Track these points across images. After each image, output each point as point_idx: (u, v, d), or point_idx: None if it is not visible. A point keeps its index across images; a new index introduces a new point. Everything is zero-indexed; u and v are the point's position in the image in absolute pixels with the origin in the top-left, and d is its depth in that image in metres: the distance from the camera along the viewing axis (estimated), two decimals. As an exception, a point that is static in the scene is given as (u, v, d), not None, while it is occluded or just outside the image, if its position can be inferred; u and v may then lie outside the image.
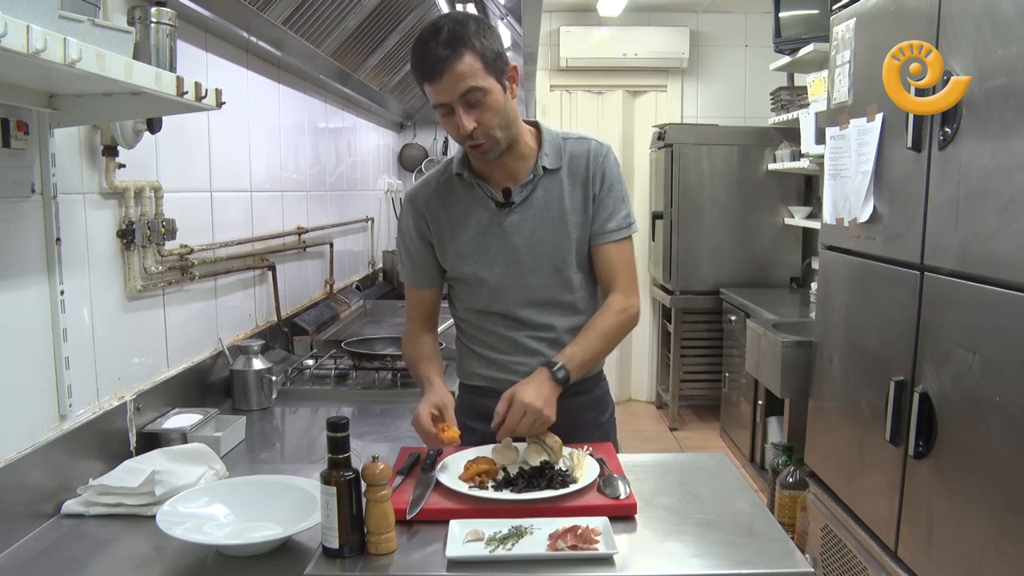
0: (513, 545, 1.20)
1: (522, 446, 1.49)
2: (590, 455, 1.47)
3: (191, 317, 2.08)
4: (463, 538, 1.22)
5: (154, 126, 1.67)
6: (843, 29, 2.34)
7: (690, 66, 5.10)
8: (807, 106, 3.72)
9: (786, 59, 4.03)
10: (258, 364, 2.16)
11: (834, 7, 2.46)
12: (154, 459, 1.55)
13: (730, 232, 4.60)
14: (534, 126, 1.62)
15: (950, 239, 1.80)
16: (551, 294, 1.60)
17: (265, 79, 2.65)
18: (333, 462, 1.19)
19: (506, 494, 1.33)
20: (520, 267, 1.58)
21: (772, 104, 4.34)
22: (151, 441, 1.71)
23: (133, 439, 1.70)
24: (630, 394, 5.36)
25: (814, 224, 3.95)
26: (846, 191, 2.29)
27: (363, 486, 1.20)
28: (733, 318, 4.23)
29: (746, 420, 3.91)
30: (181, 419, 1.81)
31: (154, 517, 1.28)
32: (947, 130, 1.79)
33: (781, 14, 4.01)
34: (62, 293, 1.49)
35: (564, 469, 1.42)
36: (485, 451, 1.49)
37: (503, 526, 1.24)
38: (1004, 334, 1.61)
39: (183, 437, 1.73)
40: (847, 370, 2.31)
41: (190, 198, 2.09)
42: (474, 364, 1.69)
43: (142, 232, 1.76)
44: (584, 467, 1.42)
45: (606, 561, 1.17)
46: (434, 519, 1.29)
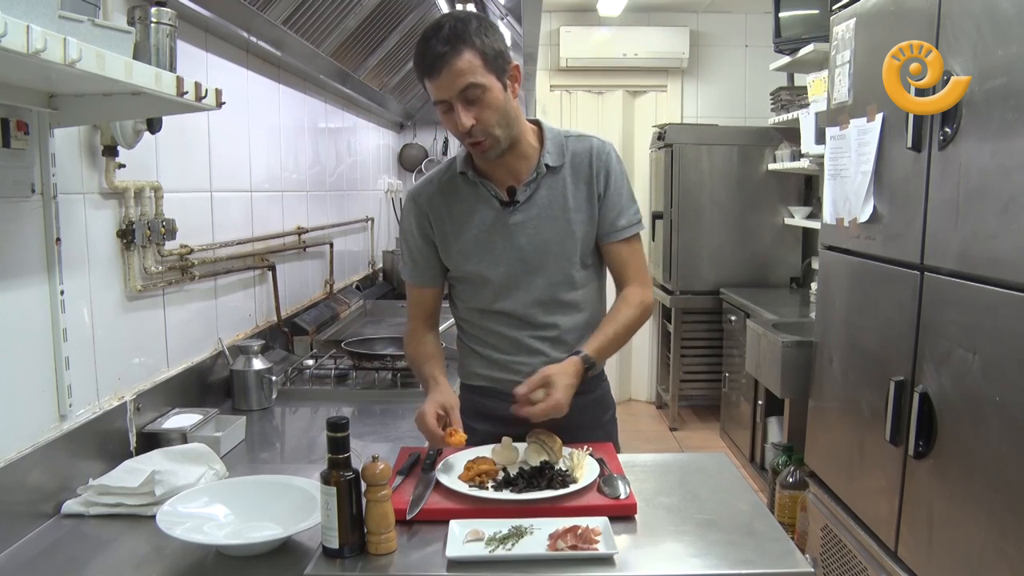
0: (513, 545, 1.20)
1: (522, 446, 1.49)
2: (590, 455, 1.47)
3: (191, 317, 2.08)
4: (463, 538, 1.22)
5: (154, 126, 1.67)
6: (843, 29, 2.34)
7: (690, 66, 5.10)
8: (807, 106, 3.72)
9: (786, 59, 4.03)
10: (258, 364, 2.16)
11: (834, 7, 2.46)
12: (154, 459, 1.55)
13: (730, 232, 4.60)
14: (536, 124, 1.62)
15: (950, 239, 1.80)
16: (555, 293, 1.60)
17: (265, 79, 2.65)
18: (333, 462, 1.19)
19: (506, 494, 1.34)
20: (524, 266, 1.58)
21: (772, 104, 4.34)
22: (151, 441, 1.71)
23: (133, 439, 1.70)
24: (630, 394, 5.36)
25: (814, 224, 3.95)
26: (846, 191, 2.29)
27: (363, 486, 1.20)
28: (733, 318, 4.23)
29: (746, 420, 3.91)
30: (181, 419, 1.81)
31: (154, 517, 1.28)
32: (947, 130, 1.79)
33: (781, 14, 4.01)
34: (62, 293, 1.49)
35: (564, 469, 1.42)
36: (485, 451, 1.49)
37: (503, 526, 1.24)
38: (1004, 334, 1.61)
39: (183, 437, 1.73)
40: (847, 370, 2.31)
41: (190, 198, 2.09)
42: (476, 364, 1.69)
43: (142, 232, 1.76)
44: (584, 467, 1.42)
45: (606, 561, 1.17)
46: (434, 519, 1.29)
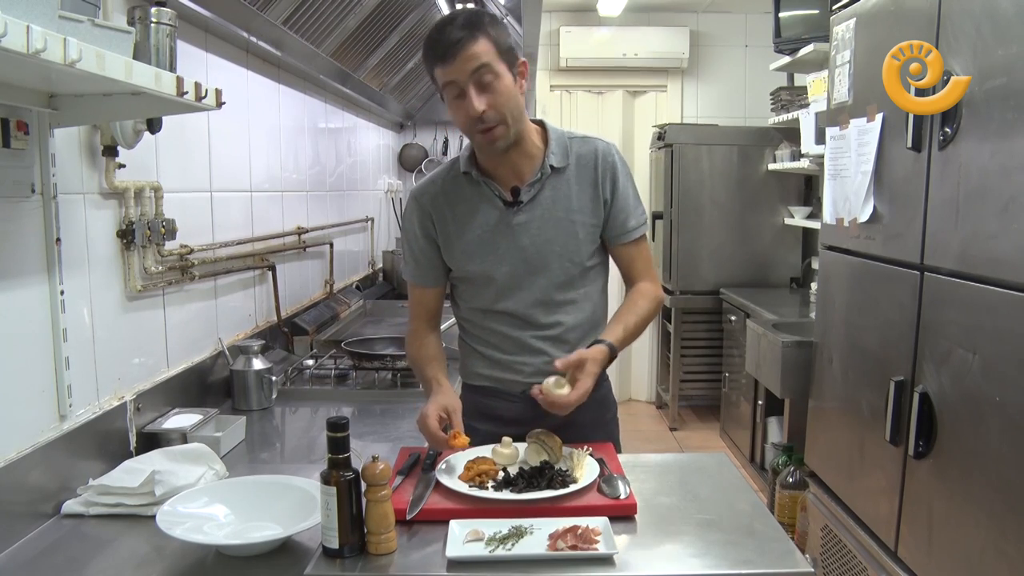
0: (513, 545, 1.20)
1: (522, 446, 1.49)
2: (590, 455, 1.47)
3: (191, 317, 2.08)
4: (463, 538, 1.22)
5: (154, 126, 1.67)
6: (843, 29, 2.34)
7: (690, 66, 5.10)
8: (807, 106, 3.71)
9: (786, 59, 4.03)
10: (258, 364, 2.16)
11: (834, 7, 2.46)
12: (154, 459, 1.55)
13: (730, 232, 4.60)
14: (539, 125, 1.62)
15: (950, 239, 1.80)
16: (557, 293, 1.60)
17: (265, 79, 2.65)
18: (333, 462, 1.19)
19: (506, 494, 1.34)
20: (528, 266, 1.58)
21: (772, 104, 4.34)
22: (151, 441, 1.71)
23: (133, 439, 1.70)
24: (630, 394, 5.36)
25: (814, 224, 3.95)
26: (846, 191, 2.29)
27: (363, 486, 1.20)
28: (733, 318, 4.23)
29: (746, 420, 3.91)
30: (181, 419, 1.81)
31: (154, 517, 1.28)
32: (947, 130, 1.79)
33: (781, 14, 4.00)
34: (62, 293, 1.49)
35: (564, 469, 1.42)
36: (485, 451, 1.49)
37: (503, 526, 1.24)
38: (1004, 334, 1.61)
39: (183, 437, 1.73)
40: (847, 370, 2.31)
41: (190, 198, 2.09)
42: (478, 364, 1.69)
43: (142, 232, 1.76)
44: (584, 467, 1.42)
45: (606, 561, 1.17)
46: (434, 519, 1.29)
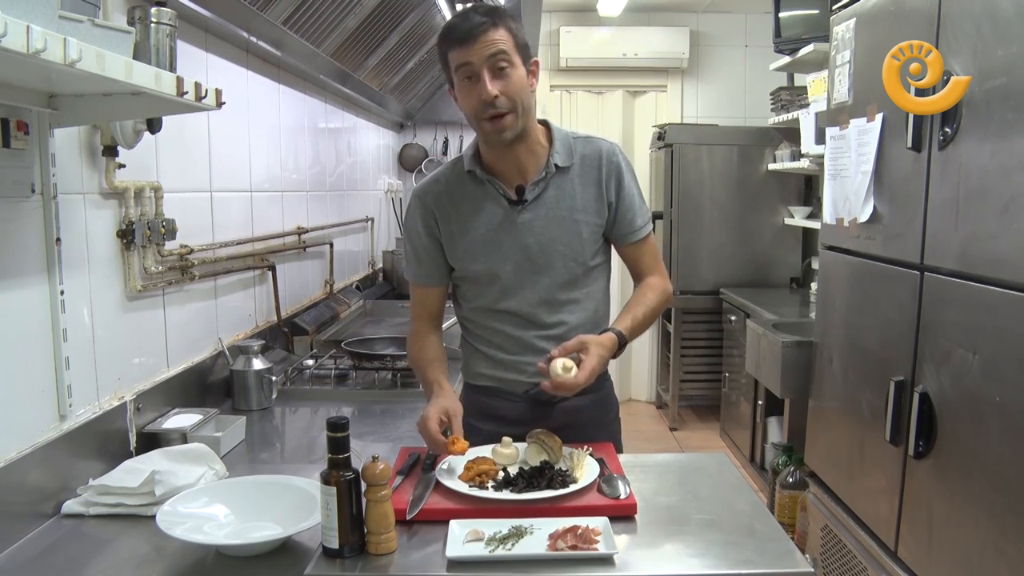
0: (513, 545, 1.20)
1: (522, 446, 1.49)
2: (590, 455, 1.47)
3: (191, 317, 2.08)
4: (463, 538, 1.22)
5: (154, 126, 1.67)
6: (843, 29, 2.34)
7: (690, 66, 5.10)
8: (807, 106, 3.71)
9: (786, 59, 4.03)
10: (258, 364, 2.16)
11: (834, 7, 2.46)
12: (154, 459, 1.55)
13: (730, 232, 4.60)
14: (544, 125, 1.63)
15: (950, 239, 1.80)
16: (561, 292, 1.61)
17: (265, 79, 2.65)
18: (333, 462, 1.19)
19: (506, 494, 1.34)
20: (532, 265, 1.59)
21: (772, 104, 4.34)
22: (151, 441, 1.71)
23: (133, 439, 1.70)
24: (630, 394, 5.36)
25: (814, 224, 3.95)
26: (846, 191, 2.29)
27: (363, 486, 1.20)
28: (733, 318, 4.23)
29: (746, 420, 3.91)
30: (181, 419, 1.80)
31: (154, 517, 1.28)
32: (947, 130, 1.79)
33: (781, 14, 4.01)
34: (62, 293, 1.49)
35: (564, 469, 1.42)
36: (485, 451, 1.49)
37: (503, 526, 1.25)
38: (1004, 334, 1.61)
39: (183, 437, 1.73)
40: (847, 370, 2.31)
41: (190, 198, 2.09)
42: (480, 364, 1.69)
43: (142, 232, 1.76)
44: (584, 467, 1.42)
45: (606, 561, 1.17)
46: (434, 519, 1.29)
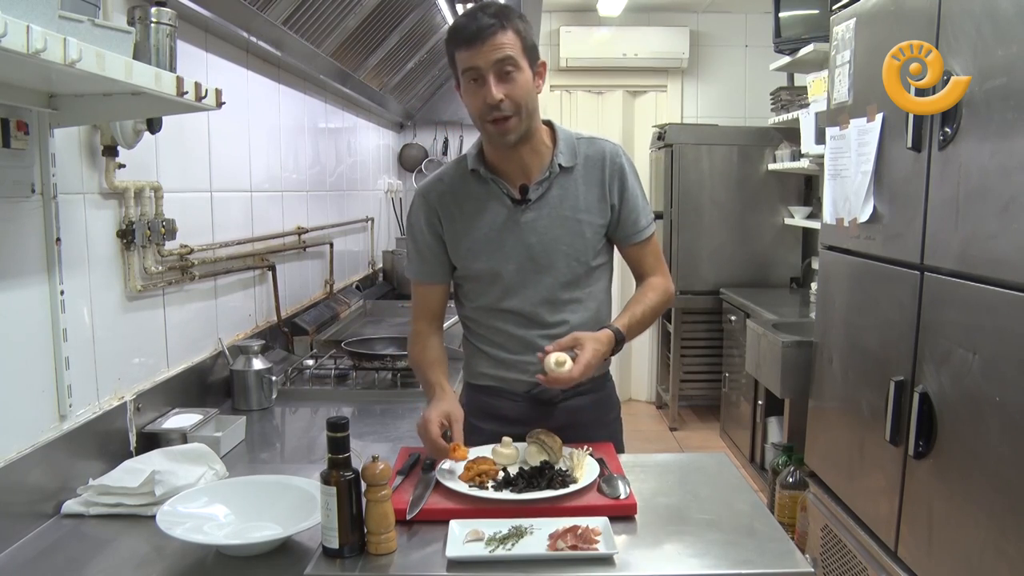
0: (513, 545, 1.20)
1: (522, 446, 1.49)
2: (590, 455, 1.47)
3: (191, 317, 2.08)
4: (463, 538, 1.22)
5: (154, 126, 1.67)
6: (843, 29, 2.34)
7: (690, 66, 5.10)
8: (807, 106, 3.71)
9: (786, 59, 4.03)
10: (258, 364, 2.16)
11: (834, 7, 2.46)
12: (154, 459, 1.55)
13: (730, 232, 4.59)
14: (548, 126, 1.63)
15: (950, 239, 1.80)
16: (563, 291, 1.61)
17: (265, 79, 2.65)
18: (333, 462, 1.19)
19: (506, 494, 1.34)
20: (534, 264, 1.59)
21: (772, 104, 4.34)
22: (151, 441, 1.71)
23: (133, 439, 1.70)
24: (630, 394, 5.36)
25: (814, 224, 3.95)
26: (846, 191, 2.29)
27: (363, 486, 1.20)
28: (733, 318, 4.23)
29: (746, 420, 3.91)
30: (181, 419, 1.80)
31: (154, 517, 1.28)
32: (947, 130, 1.79)
33: (781, 14, 4.00)
34: (62, 293, 1.49)
35: (564, 469, 1.42)
36: (485, 451, 1.49)
37: (503, 526, 1.25)
38: (1004, 334, 1.61)
39: (183, 437, 1.73)
40: (847, 370, 2.31)
41: (190, 198, 2.09)
42: (482, 364, 1.69)
43: (142, 232, 1.76)
44: (584, 467, 1.42)
45: (606, 561, 1.17)
46: (434, 519, 1.29)
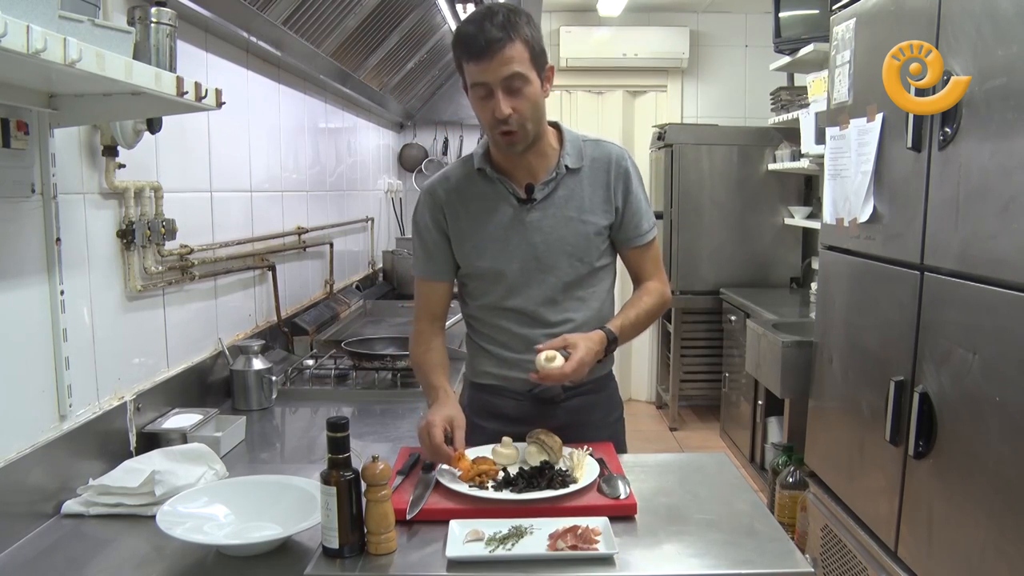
0: (513, 545, 1.20)
1: (522, 446, 1.49)
2: (590, 455, 1.47)
3: (191, 317, 2.08)
4: (463, 538, 1.22)
5: (154, 126, 1.67)
6: (843, 29, 2.34)
7: (690, 66, 5.10)
8: (807, 106, 3.71)
9: (786, 59, 4.03)
10: (258, 364, 2.16)
11: (834, 7, 2.46)
12: (154, 459, 1.55)
13: (730, 232, 4.59)
14: (555, 127, 1.64)
15: (950, 239, 1.80)
16: (566, 291, 1.61)
17: (265, 79, 2.65)
18: (333, 462, 1.19)
19: (506, 494, 1.34)
20: (538, 263, 1.59)
21: (772, 104, 4.34)
22: (151, 441, 1.71)
23: (133, 439, 1.70)
24: (630, 394, 5.36)
25: (814, 224, 3.95)
26: (846, 191, 2.29)
27: (363, 486, 1.20)
28: (733, 318, 4.23)
29: (746, 420, 3.91)
30: (181, 419, 1.80)
31: (154, 517, 1.28)
32: (947, 130, 1.79)
33: (781, 14, 4.00)
34: (62, 293, 1.49)
35: (564, 469, 1.42)
36: (485, 451, 1.49)
37: (503, 526, 1.25)
38: (1004, 334, 1.61)
39: (183, 437, 1.73)
40: (847, 370, 2.31)
41: (190, 198, 2.09)
42: (485, 363, 1.69)
43: (142, 232, 1.76)
44: (584, 467, 1.42)
45: (606, 561, 1.17)
46: (434, 519, 1.29)
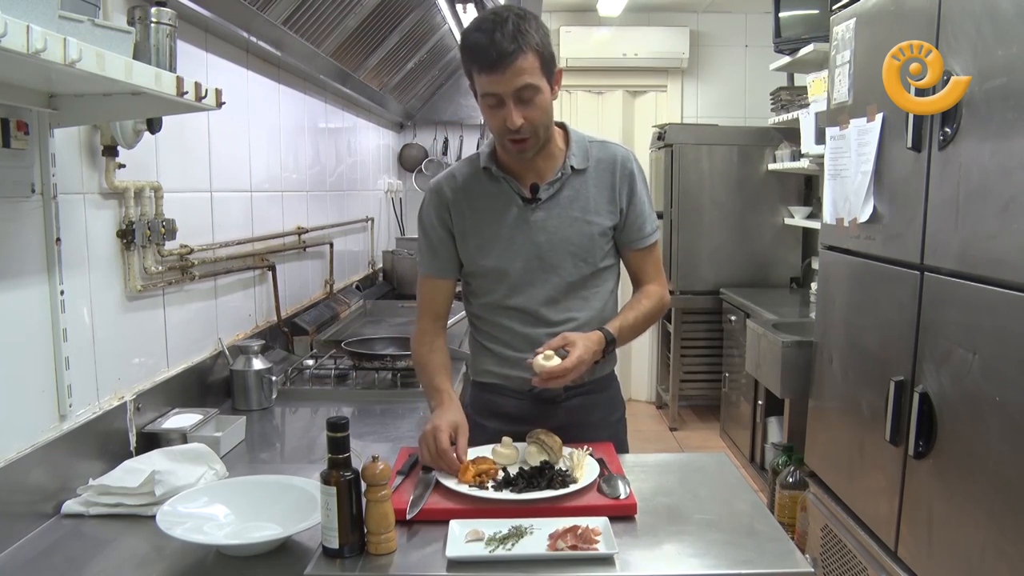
0: (513, 545, 1.20)
1: (522, 446, 1.49)
2: (590, 455, 1.47)
3: (191, 317, 2.08)
4: (463, 538, 1.22)
5: (154, 126, 1.67)
6: (843, 29, 2.34)
7: (690, 66, 5.10)
8: (807, 106, 3.71)
9: (786, 59, 4.03)
10: (258, 364, 2.16)
11: (834, 7, 2.46)
12: (154, 459, 1.55)
13: (730, 232, 4.60)
14: (561, 127, 1.65)
15: (950, 239, 1.80)
16: (569, 291, 1.62)
17: (265, 79, 2.64)
18: (333, 462, 1.19)
19: (506, 494, 1.34)
20: (541, 263, 1.60)
21: (772, 104, 4.34)
22: (151, 441, 1.71)
23: (133, 439, 1.70)
24: (630, 394, 5.36)
25: (814, 224, 3.95)
26: (846, 191, 2.29)
27: (363, 486, 1.20)
28: (733, 318, 4.23)
29: (746, 420, 3.91)
30: (181, 419, 1.80)
31: (154, 517, 1.28)
32: (947, 130, 1.79)
33: (781, 14, 4.00)
34: (62, 293, 1.49)
35: (564, 469, 1.42)
36: (485, 451, 1.49)
37: (503, 526, 1.25)
38: (1004, 334, 1.61)
39: (183, 437, 1.73)
40: (847, 370, 2.31)
41: (190, 198, 2.09)
42: (487, 361, 1.69)
43: (142, 232, 1.76)
44: (584, 467, 1.42)
45: (606, 561, 1.17)
46: (434, 519, 1.29)
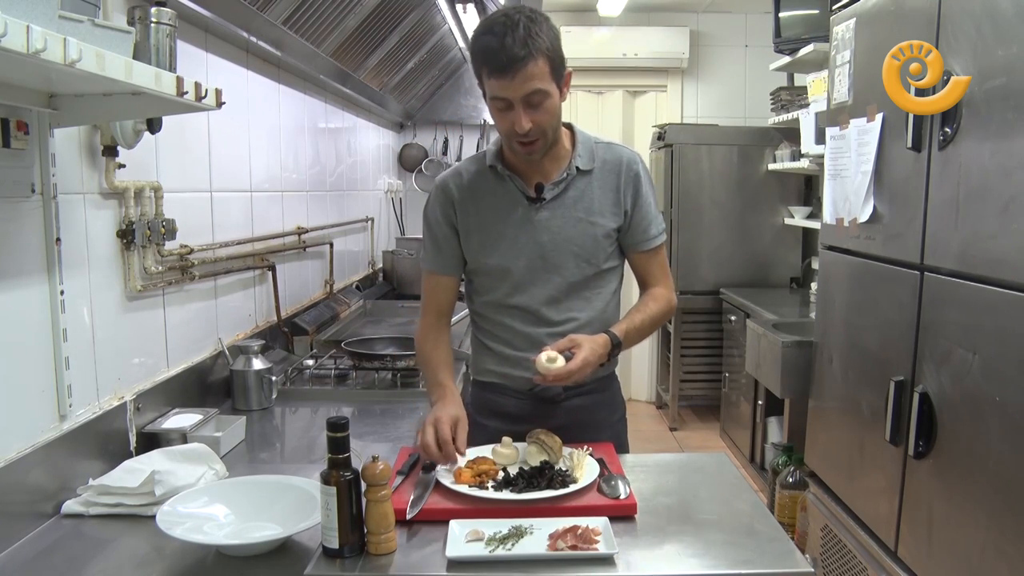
0: (513, 545, 1.20)
1: (522, 446, 1.49)
2: (590, 455, 1.47)
3: (191, 317, 2.08)
4: (463, 538, 1.22)
5: (154, 126, 1.67)
6: (843, 29, 2.34)
7: (690, 66, 5.10)
8: (807, 106, 3.72)
9: (786, 59, 4.03)
10: (258, 364, 2.16)
11: (834, 7, 2.46)
12: (154, 459, 1.55)
13: (730, 232, 4.60)
14: (568, 128, 1.65)
15: (950, 239, 1.80)
16: (571, 291, 1.62)
17: (265, 79, 2.65)
18: (333, 462, 1.19)
19: (506, 494, 1.34)
20: (544, 262, 1.60)
21: (772, 104, 4.34)
22: (151, 441, 1.71)
23: (133, 439, 1.70)
24: (630, 394, 5.36)
25: (814, 224, 3.95)
26: (846, 191, 2.29)
27: (363, 486, 1.20)
28: (733, 318, 4.23)
29: (746, 420, 3.91)
30: (181, 419, 1.81)
31: (154, 517, 1.28)
32: (947, 130, 1.79)
33: (781, 14, 4.01)
34: (62, 293, 1.49)
35: (564, 469, 1.42)
36: (485, 451, 1.49)
37: (503, 526, 1.25)
38: (1004, 334, 1.61)
39: (183, 437, 1.73)
40: (847, 370, 2.31)
41: (190, 198, 2.09)
42: (488, 360, 1.69)
43: (142, 232, 1.76)
44: (584, 467, 1.42)
45: (606, 561, 1.17)
46: (434, 519, 1.29)
